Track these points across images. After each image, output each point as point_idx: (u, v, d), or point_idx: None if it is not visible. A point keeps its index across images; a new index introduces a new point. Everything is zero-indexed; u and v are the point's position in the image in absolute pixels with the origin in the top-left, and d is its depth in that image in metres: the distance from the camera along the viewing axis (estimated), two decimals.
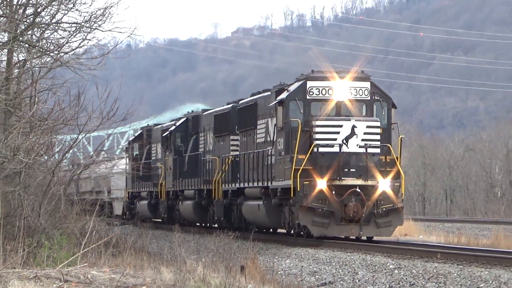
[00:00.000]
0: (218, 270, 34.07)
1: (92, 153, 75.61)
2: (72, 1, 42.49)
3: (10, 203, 38.84)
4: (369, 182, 36.51)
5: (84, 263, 33.56)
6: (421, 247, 38.94)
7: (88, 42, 45.31)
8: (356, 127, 36.77)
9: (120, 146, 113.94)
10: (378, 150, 38.50)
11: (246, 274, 35.35)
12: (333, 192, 35.27)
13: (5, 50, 42.44)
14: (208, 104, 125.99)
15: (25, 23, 42.44)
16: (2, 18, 41.42)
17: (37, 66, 45.26)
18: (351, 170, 36.27)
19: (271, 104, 42.75)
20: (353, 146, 36.44)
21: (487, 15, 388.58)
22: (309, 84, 38.09)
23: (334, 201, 35.52)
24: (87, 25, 42.97)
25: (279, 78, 75.59)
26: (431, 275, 34.37)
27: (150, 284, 31.49)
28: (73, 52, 44.61)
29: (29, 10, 43.08)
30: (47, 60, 44.57)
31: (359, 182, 36.31)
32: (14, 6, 42.34)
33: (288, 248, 51.99)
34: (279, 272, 45.79)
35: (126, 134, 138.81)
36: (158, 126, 79.02)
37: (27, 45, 43.07)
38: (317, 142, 36.62)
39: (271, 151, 46.46)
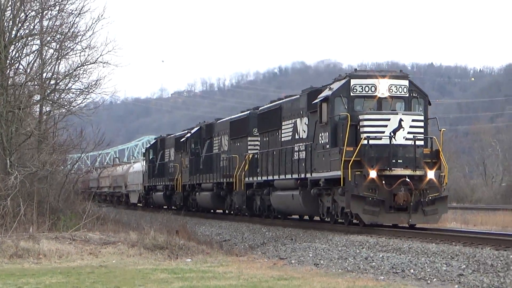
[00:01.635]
0: (163, 232, 37.20)
1: (89, 165, 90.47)
2: (78, 76, 49.07)
3: (41, 194, 42.47)
4: (417, 172, 32.18)
5: (84, 229, 38.11)
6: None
7: (87, 100, 52.16)
8: (403, 121, 32.55)
9: (135, 155, 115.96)
10: (422, 143, 34.04)
11: (179, 236, 38.66)
12: (383, 181, 31.25)
13: (38, 105, 50.32)
14: (157, 135, 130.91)
15: (49, 89, 48.73)
16: (36, 86, 48.09)
17: (57, 114, 51.69)
18: (399, 161, 31.90)
19: (314, 102, 36.90)
20: (400, 139, 32.17)
21: None
22: (353, 82, 33.77)
23: (385, 190, 31.22)
24: (87, 90, 49.76)
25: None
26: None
27: (123, 241, 35.53)
28: (78, 106, 52.00)
29: (52, 81, 48.63)
30: (62, 110, 51.47)
31: (408, 172, 32.03)
32: (44, 79, 48.49)
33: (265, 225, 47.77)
34: (199, 234, 46.63)
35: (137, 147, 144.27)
36: (171, 136, 76.30)
37: (51, 102, 49.62)
38: (366, 134, 32.20)
39: (300, 147, 40.39)
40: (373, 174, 31.54)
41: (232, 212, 55.17)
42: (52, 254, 30.23)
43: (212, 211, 61.89)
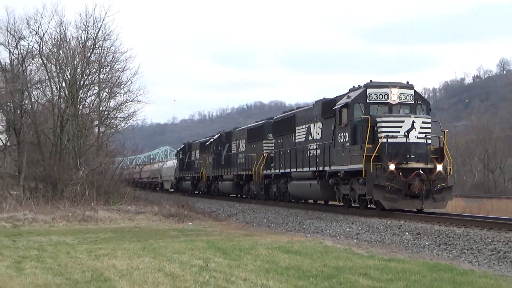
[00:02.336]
0: (175, 206, 38.39)
1: (129, 164, 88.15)
2: (121, 109, 50.93)
3: (98, 182, 43.47)
4: (428, 166, 27.68)
5: (126, 204, 39.44)
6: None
7: (127, 124, 53.56)
8: (415, 122, 27.89)
9: (169, 156, 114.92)
10: (430, 141, 29.05)
11: (184, 208, 39.58)
12: (400, 173, 27.01)
13: (96, 127, 51.24)
14: (172, 146, 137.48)
15: (103, 117, 50.52)
16: (95, 115, 50.45)
17: (108, 133, 53.45)
18: (412, 156, 27.28)
19: (335, 107, 31.78)
20: (413, 137, 27.50)
21: None
22: (369, 90, 29.40)
23: (401, 180, 26.89)
24: (127, 118, 51.94)
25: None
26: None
27: (149, 211, 36.03)
28: (121, 127, 53.21)
29: (105, 113, 50.47)
30: (112, 130, 53.16)
31: (421, 165, 27.54)
32: (100, 111, 49.87)
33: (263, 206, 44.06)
34: (198, 208, 46.50)
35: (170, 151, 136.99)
36: (196, 141, 71.76)
37: (104, 125, 51.71)
38: (384, 134, 27.84)
39: (314, 146, 34.96)
40: (392, 167, 27.55)
41: (248, 196, 50.39)
42: (105, 219, 33.06)
43: (230, 195, 56.86)
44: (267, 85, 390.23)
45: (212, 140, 60.42)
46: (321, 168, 34.31)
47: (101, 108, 49.31)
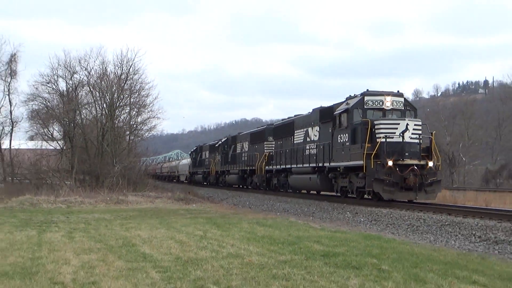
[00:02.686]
0: (183, 193, 38.72)
1: (152, 162, 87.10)
2: (146, 123, 49.83)
3: (129, 175, 43.42)
4: (421, 162, 24.83)
5: (148, 191, 39.26)
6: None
7: (149, 134, 53.02)
8: (408, 125, 24.98)
9: (184, 156, 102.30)
10: (420, 141, 25.99)
11: (189, 194, 39.27)
12: (397, 168, 24.13)
13: (128, 136, 50.02)
14: (183, 150, 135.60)
15: (133, 129, 49.68)
16: (127, 127, 49.30)
17: (136, 140, 52.39)
18: (406, 153, 24.42)
19: (335, 113, 28.74)
20: (407, 138, 24.66)
21: None
22: (366, 98, 26.67)
23: (398, 175, 24.11)
24: (150, 130, 51.20)
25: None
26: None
27: (165, 196, 35.82)
28: (146, 136, 52.44)
29: (134, 126, 49.67)
30: (138, 138, 52.73)
31: (415, 162, 24.72)
32: (131, 125, 49.24)
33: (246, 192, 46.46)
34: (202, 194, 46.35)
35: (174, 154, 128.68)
36: (206, 144, 67.96)
37: (134, 135, 51.35)
38: (383, 134, 25.00)
39: (312, 146, 31.71)
40: (390, 163, 24.56)
41: (251, 187, 47.12)
42: (133, 202, 33.01)
43: (236, 186, 53.14)
44: (250, 107, 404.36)
45: (220, 142, 58.67)
46: (321, 164, 31.33)
47: (131, 122, 51.18)
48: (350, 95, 30.46)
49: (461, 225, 19.24)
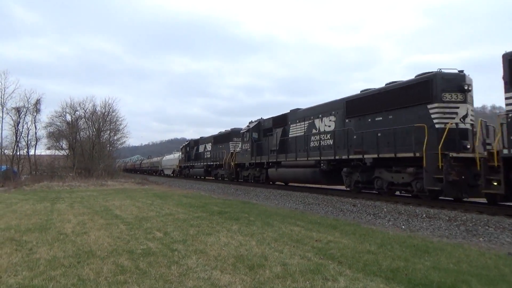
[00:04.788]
0: (141, 179, 35.53)
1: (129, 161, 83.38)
2: (119, 140, 46.78)
3: (109, 170, 40.43)
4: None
5: (121, 179, 34.35)
6: None
7: (121, 146, 49.98)
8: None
9: (176, 151, 61.72)
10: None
11: (145, 180, 34.68)
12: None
13: (108, 147, 44.81)
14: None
15: (112, 143, 45.58)
16: (107, 143, 44.22)
17: (113, 149, 46.04)
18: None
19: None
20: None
21: None
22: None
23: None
24: (122, 143, 48.85)
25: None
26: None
27: (130, 181, 31.84)
28: (118, 147, 49.16)
29: (112, 141, 46.14)
30: (114, 149, 46.66)
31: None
32: (110, 141, 45.33)
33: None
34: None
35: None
36: (181, 146, 46.08)
37: (111, 147, 45.41)
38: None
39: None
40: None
41: (216, 178, 29.79)
42: (111, 185, 29.10)
43: (200, 177, 35.95)
44: (180, 131, 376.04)
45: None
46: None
47: (110, 139, 48.08)
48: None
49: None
